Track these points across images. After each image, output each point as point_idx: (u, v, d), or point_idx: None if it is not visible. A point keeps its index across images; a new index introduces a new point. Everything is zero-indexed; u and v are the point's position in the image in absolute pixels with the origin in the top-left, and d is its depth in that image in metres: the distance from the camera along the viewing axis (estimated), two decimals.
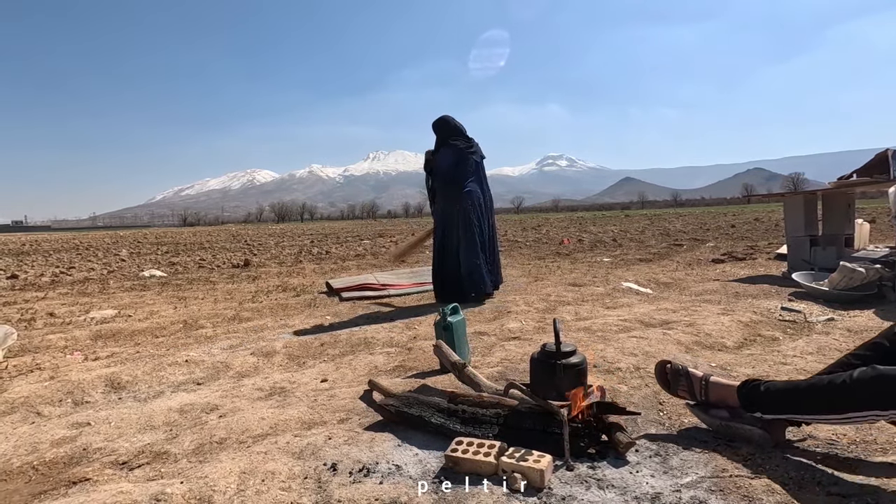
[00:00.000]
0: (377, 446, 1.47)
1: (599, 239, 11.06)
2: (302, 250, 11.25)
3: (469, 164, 4.02)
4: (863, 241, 5.55)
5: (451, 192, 4.00)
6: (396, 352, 2.60)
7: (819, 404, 1.22)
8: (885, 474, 1.17)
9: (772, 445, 1.35)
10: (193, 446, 1.57)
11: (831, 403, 1.19)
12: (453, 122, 4.13)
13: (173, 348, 2.93)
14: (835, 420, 1.21)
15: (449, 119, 4.14)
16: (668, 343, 2.39)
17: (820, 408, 1.22)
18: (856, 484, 1.15)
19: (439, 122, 4.15)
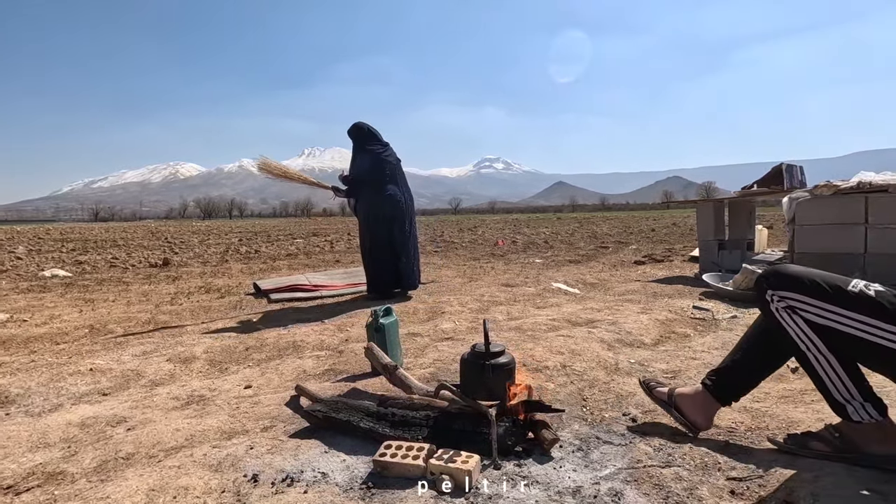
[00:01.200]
0: (303, 454, 1.42)
1: (532, 241, 11.43)
2: (229, 249, 10.68)
3: (386, 168, 4.20)
4: (762, 245, 6.15)
5: (373, 195, 4.15)
6: (327, 355, 2.53)
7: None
8: (772, 457, 1.30)
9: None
10: (95, 464, 1.43)
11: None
12: (368, 127, 4.33)
13: (76, 356, 2.67)
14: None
15: (363, 125, 4.33)
16: (592, 341, 2.50)
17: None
18: (750, 467, 1.27)
19: (355, 129, 4.32)
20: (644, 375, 1.67)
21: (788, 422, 1.53)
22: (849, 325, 1.16)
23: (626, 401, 1.79)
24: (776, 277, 1.27)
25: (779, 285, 1.25)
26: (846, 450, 1.24)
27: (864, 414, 1.22)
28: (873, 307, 1.15)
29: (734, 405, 1.68)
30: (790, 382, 1.94)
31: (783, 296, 1.24)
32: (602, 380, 2.01)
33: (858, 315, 1.15)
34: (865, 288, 1.19)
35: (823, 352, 1.22)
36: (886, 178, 3.64)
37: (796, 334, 1.24)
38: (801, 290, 1.22)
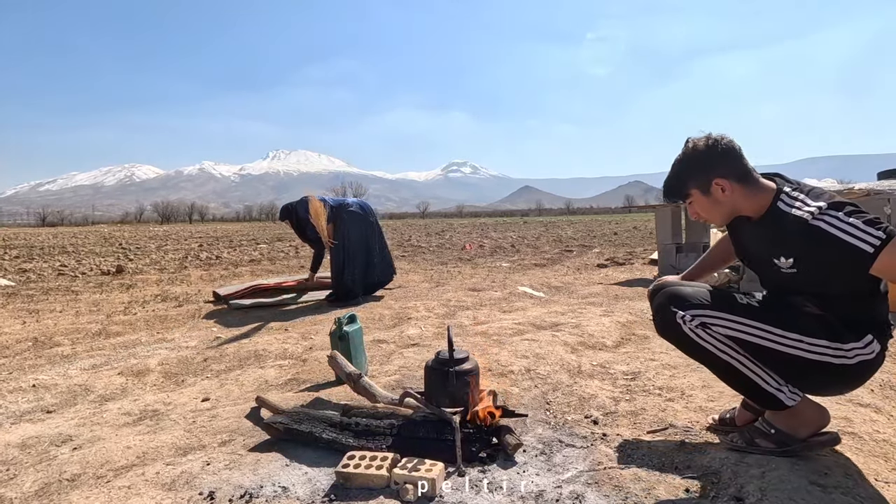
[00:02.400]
0: (262, 468, 1.38)
1: (499, 245, 11.55)
2: (188, 255, 10.31)
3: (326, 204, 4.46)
4: None
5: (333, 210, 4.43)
6: (290, 364, 2.48)
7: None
8: (725, 455, 1.35)
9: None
10: (36, 487, 1.34)
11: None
12: (291, 202, 4.69)
13: (18, 371, 2.51)
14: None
15: (288, 204, 4.70)
16: (556, 345, 2.55)
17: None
18: (704, 465, 1.31)
19: (283, 209, 4.71)
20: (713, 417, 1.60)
21: (742, 421, 1.60)
22: (750, 332, 1.26)
23: (588, 403, 1.83)
24: (678, 300, 1.32)
25: (685, 307, 1.30)
26: (785, 442, 1.31)
27: (794, 396, 1.29)
28: (762, 313, 1.28)
29: (691, 405, 1.75)
30: None
31: (694, 314, 1.29)
32: (565, 383, 2.05)
33: (754, 322, 1.26)
34: (750, 298, 1.32)
35: (743, 353, 1.28)
36: (828, 186, 3.87)
37: (716, 347, 1.28)
38: (706, 307, 1.29)
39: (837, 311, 1.24)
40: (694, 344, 1.31)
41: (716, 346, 1.29)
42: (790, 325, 1.25)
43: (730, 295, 1.33)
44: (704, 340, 1.29)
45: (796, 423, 1.30)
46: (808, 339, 1.23)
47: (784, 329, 1.25)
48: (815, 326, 1.24)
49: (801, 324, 1.25)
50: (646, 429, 1.60)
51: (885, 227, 1.16)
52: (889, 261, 1.14)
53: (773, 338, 1.25)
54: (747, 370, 1.29)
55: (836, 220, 1.19)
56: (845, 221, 1.18)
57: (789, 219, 1.25)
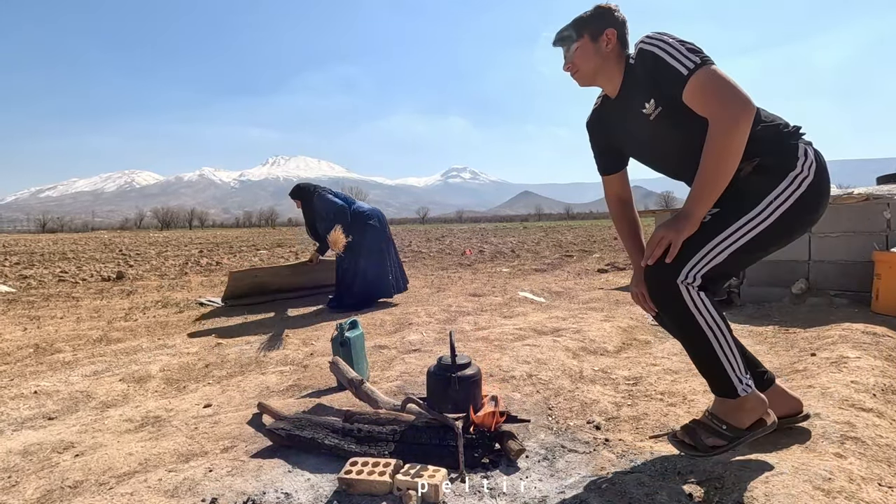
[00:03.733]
0: (265, 474, 1.38)
1: (499, 250, 11.55)
2: (188, 261, 10.31)
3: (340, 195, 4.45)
4: None
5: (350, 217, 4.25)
6: (291, 370, 2.48)
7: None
8: (727, 460, 1.35)
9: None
10: (38, 494, 1.34)
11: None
12: (308, 183, 4.59)
13: (19, 378, 2.51)
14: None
15: (303, 183, 4.59)
16: (557, 350, 2.55)
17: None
18: (706, 470, 1.31)
19: (297, 188, 4.55)
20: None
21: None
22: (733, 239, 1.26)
23: (590, 408, 1.83)
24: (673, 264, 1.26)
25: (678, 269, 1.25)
26: (735, 436, 1.28)
27: (748, 388, 1.28)
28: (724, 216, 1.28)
29: (693, 410, 1.75)
30: None
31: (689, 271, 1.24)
32: (567, 388, 2.05)
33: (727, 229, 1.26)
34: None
35: (725, 331, 1.26)
36: None
37: (704, 319, 1.25)
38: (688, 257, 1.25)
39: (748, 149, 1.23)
40: (688, 315, 1.25)
41: (706, 318, 1.25)
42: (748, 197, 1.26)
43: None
44: (699, 310, 1.24)
45: (742, 414, 1.28)
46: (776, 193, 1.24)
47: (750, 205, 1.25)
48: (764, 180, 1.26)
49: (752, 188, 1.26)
50: (648, 434, 1.60)
51: (708, 57, 1.22)
52: (696, 85, 1.18)
53: (750, 223, 1.25)
54: (722, 352, 1.26)
55: (663, 44, 1.26)
56: (670, 44, 1.24)
57: (636, 59, 1.34)
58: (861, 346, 2.32)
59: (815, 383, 1.86)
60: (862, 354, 2.18)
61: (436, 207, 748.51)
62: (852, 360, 2.10)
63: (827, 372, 1.98)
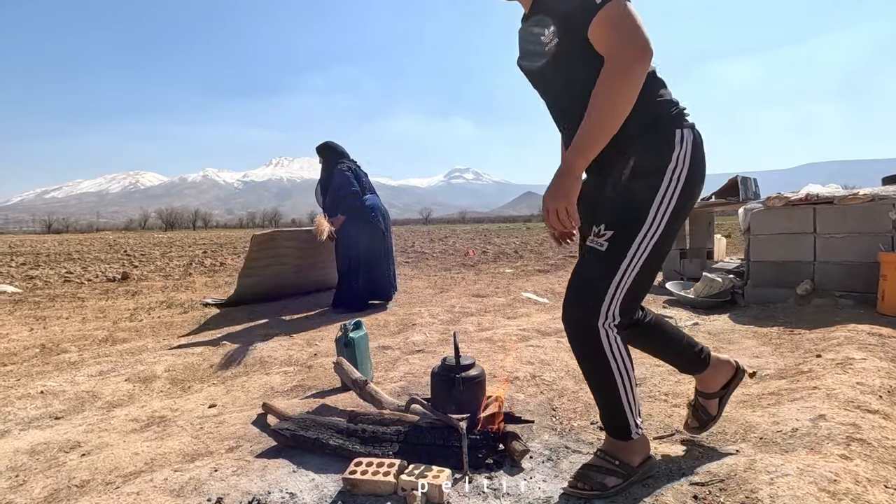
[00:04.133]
0: (270, 474, 1.39)
1: (503, 250, 11.55)
2: (193, 262, 10.35)
3: (364, 181, 4.34)
4: (721, 254, 6.41)
5: (359, 208, 4.17)
6: (295, 370, 2.48)
7: None
8: (733, 461, 1.35)
9: None
10: (46, 493, 1.35)
11: None
12: (339, 146, 4.44)
13: (26, 378, 2.53)
14: None
15: (334, 144, 4.43)
16: (561, 351, 2.54)
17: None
18: (711, 472, 1.31)
19: (326, 147, 4.40)
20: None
21: (746, 426, 1.59)
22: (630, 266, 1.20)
23: (594, 409, 1.82)
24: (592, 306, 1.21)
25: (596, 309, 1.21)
26: (627, 473, 1.27)
27: (641, 430, 1.28)
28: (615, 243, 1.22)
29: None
30: (747, 388, 2.02)
31: (608, 313, 1.21)
32: (571, 389, 2.05)
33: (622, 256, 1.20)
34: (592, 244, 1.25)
35: (631, 375, 1.25)
36: (832, 191, 3.87)
37: (616, 363, 1.22)
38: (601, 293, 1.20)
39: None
40: (600, 353, 1.22)
41: (616, 358, 1.23)
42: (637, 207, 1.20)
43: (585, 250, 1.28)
44: (613, 349, 1.22)
45: (632, 454, 1.28)
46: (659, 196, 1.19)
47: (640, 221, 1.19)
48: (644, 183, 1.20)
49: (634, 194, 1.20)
50: (652, 435, 1.59)
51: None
52: (605, 17, 1.11)
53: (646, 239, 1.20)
54: (625, 395, 1.25)
55: None
56: None
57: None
58: (867, 348, 2.31)
59: (820, 385, 1.85)
60: (868, 356, 2.17)
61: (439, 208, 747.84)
62: (858, 361, 2.09)
63: (832, 373, 1.97)
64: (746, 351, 2.60)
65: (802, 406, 1.67)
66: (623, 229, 1.20)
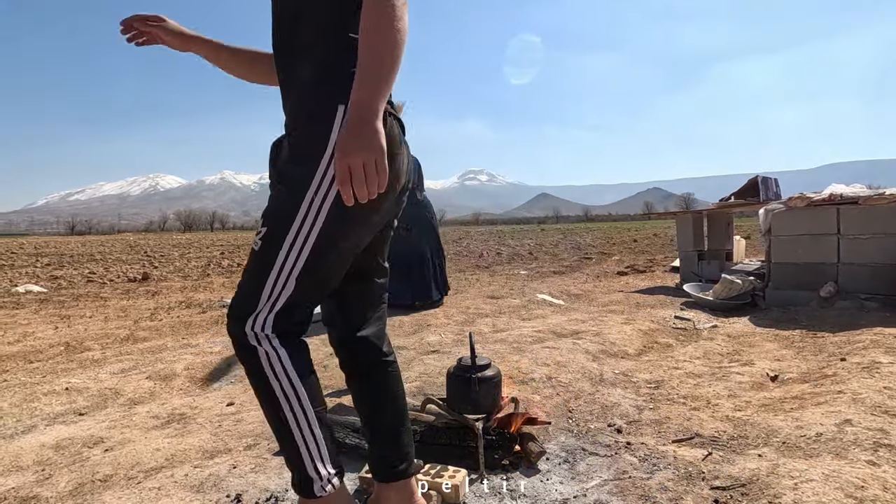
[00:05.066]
0: (287, 472, 1.40)
1: (517, 252, 11.50)
2: (210, 262, 10.51)
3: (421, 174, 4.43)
4: (740, 256, 6.29)
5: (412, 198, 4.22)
6: None
7: None
8: (755, 466, 1.32)
9: None
10: (71, 487, 1.39)
11: None
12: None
13: (51, 374, 2.59)
14: None
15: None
16: (577, 353, 2.52)
17: None
18: (732, 476, 1.29)
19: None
20: None
21: (769, 430, 1.56)
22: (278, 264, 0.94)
23: (610, 411, 1.81)
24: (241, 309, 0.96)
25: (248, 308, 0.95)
26: None
27: (327, 486, 0.99)
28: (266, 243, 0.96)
29: (717, 414, 1.71)
30: (770, 391, 1.98)
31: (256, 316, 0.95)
32: (587, 391, 2.03)
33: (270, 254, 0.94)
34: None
35: (305, 403, 0.97)
36: (856, 191, 3.77)
37: (280, 383, 0.95)
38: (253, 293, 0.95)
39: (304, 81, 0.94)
40: (261, 373, 0.95)
41: (281, 384, 0.95)
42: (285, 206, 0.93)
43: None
44: (273, 370, 0.94)
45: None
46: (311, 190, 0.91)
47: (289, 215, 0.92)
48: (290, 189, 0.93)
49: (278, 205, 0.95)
50: (671, 438, 1.57)
51: None
52: None
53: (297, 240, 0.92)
54: (297, 428, 0.97)
55: None
56: None
57: None
58: (894, 352, 2.25)
59: (845, 389, 1.81)
60: (895, 360, 2.11)
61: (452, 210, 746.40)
62: (885, 365, 2.03)
63: (858, 377, 1.92)
64: (768, 354, 2.55)
65: (827, 410, 1.63)
66: (274, 225, 0.95)
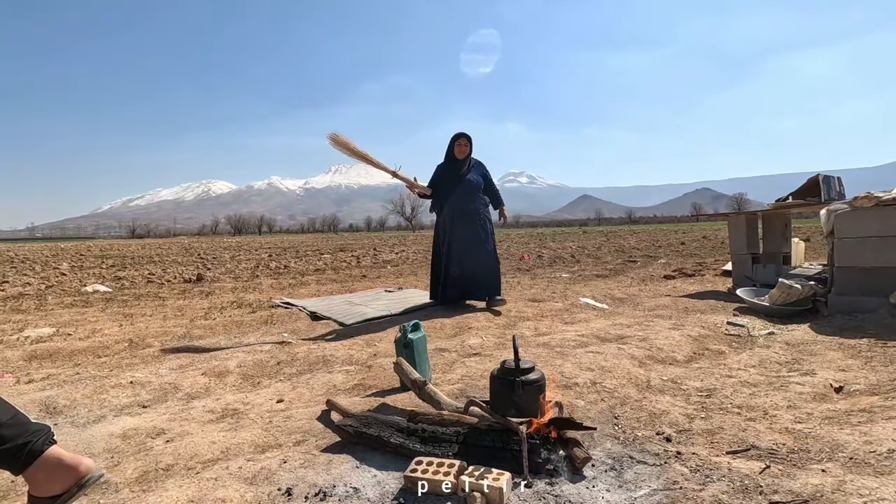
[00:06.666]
0: (335, 469, 1.44)
1: (558, 255, 11.32)
2: (259, 264, 10.93)
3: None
4: (799, 259, 5.94)
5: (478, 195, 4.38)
6: (356, 370, 2.56)
7: None
8: (818, 481, 1.25)
9: None
10: (137, 474, 1.48)
11: None
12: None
13: (117, 369, 2.77)
14: None
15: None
16: (622, 358, 2.46)
17: None
18: (794, 491, 1.22)
19: (469, 137, 4.44)
20: None
21: (833, 444, 1.47)
22: None
23: (659, 419, 1.75)
24: None
25: None
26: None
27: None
28: None
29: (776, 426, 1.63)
30: (834, 403, 1.86)
31: None
32: (634, 397, 1.97)
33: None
34: None
35: None
36: None
37: None
38: None
39: None
40: None
41: None
42: None
43: None
44: None
45: (43, 483, 1.15)
46: None
47: None
48: None
49: None
50: (724, 449, 1.51)
51: None
52: None
53: None
54: None
55: None
56: None
57: None
58: None
59: None
60: None
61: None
62: None
63: None
64: (831, 364, 2.40)
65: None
66: None
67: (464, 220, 4.32)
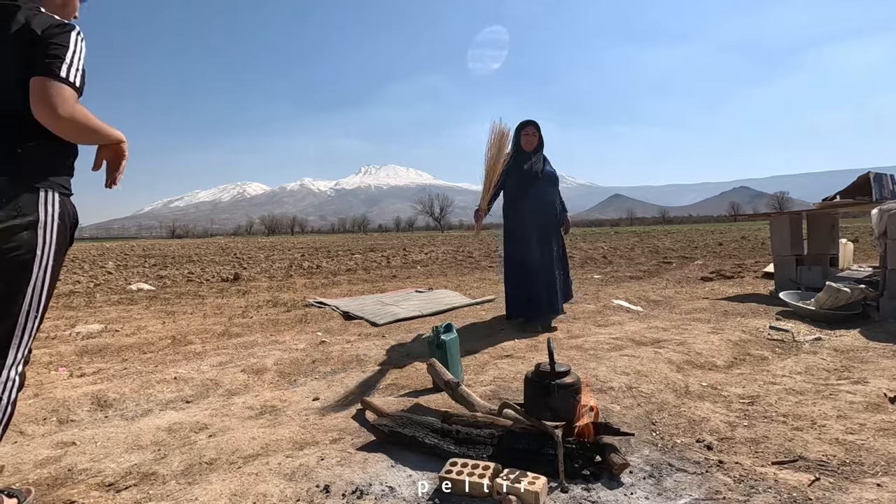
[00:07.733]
0: (370, 467, 1.46)
1: (590, 256, 11.14)
2: (292, 264, 11.18)
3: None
4: (847, 261, 5.67)
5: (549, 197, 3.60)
6: (389, 369, 2.59)
7: None
8: (873, 496, 1.19)
9: None
10: (182, 467, 1.54)
11: None
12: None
13: (161, 364, 2.89)
14: None
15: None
16: (659, 362, 2.40)
17: None
18: None
19: (537, 125, 3.63)
20: None
21: (889, 457, 1.40)
22: None
23: (699, 426, 1.71)
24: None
25: None
26: None
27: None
28: None
29: (825, 436, 1.57)
30: (888, 413, 1.76)
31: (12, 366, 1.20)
32: (672, 403, 1.93)
33: None
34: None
35: None
36: None
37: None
38: None
39: None
40: None
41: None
42: None
43: None
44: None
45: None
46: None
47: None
48: None
49: None
50: (770, 459, 1.46)
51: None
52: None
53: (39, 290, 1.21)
54: None
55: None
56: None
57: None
58: None
59: None
60: None
61: None
62: None
63: None
64: (885, 372, 2.28)
65: None
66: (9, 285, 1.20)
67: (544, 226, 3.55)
